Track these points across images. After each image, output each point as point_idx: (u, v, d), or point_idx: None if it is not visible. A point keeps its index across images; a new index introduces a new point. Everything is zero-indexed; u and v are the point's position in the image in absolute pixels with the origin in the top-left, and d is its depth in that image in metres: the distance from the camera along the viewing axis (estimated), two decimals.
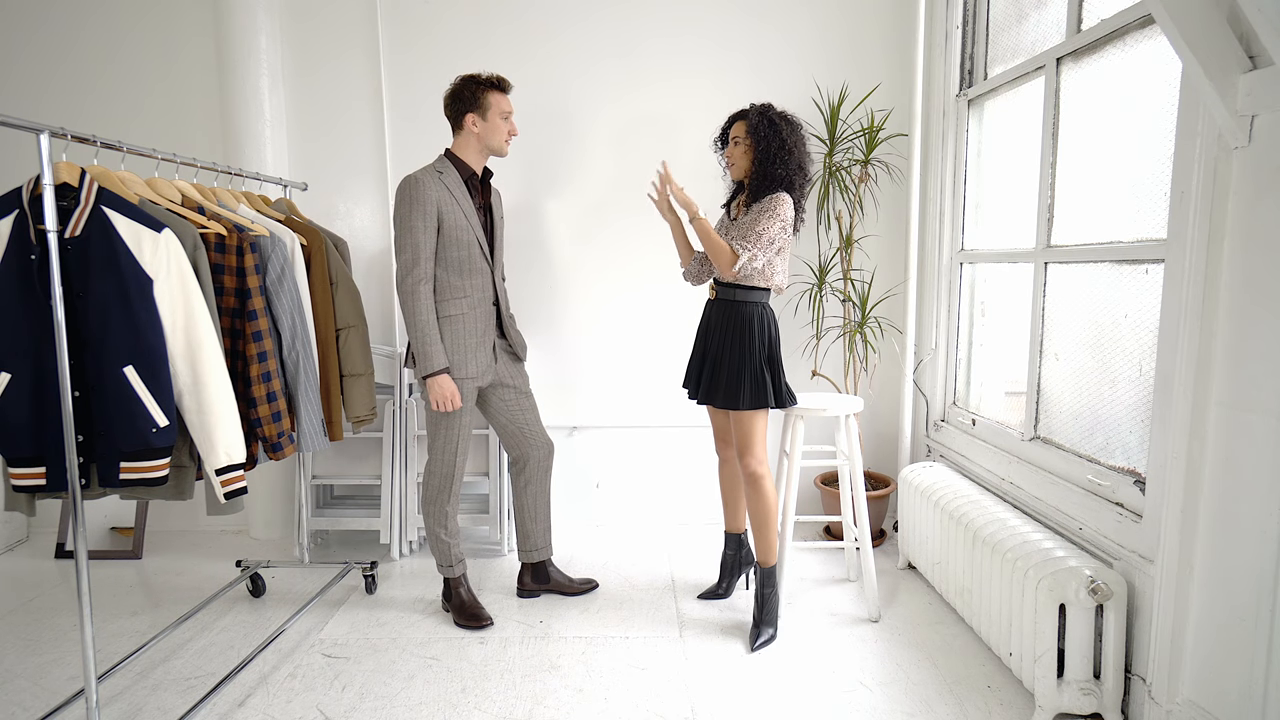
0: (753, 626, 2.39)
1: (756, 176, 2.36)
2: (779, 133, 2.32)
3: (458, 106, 2.37)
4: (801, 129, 2.38)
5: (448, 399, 2.34)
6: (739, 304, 2.37)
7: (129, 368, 1.78)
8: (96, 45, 3.19)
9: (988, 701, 2.03)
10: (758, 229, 2.27)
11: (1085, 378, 2.20)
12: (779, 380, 2.36)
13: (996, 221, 2.79)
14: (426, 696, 2.08)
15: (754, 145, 2.35)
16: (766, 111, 2.36)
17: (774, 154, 2.32)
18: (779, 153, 2.32)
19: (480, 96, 2.35)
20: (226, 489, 1.95)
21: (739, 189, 2.51)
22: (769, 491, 2.36)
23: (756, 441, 2.35)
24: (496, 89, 2.38)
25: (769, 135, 2.32)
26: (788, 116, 2.37)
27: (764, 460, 2.36)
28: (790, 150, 2.33)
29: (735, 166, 2.43)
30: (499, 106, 2.38)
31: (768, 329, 2.37)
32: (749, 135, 2.36)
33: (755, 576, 2.45)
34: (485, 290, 2.44)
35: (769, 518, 2.37)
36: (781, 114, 2.36)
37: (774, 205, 2.29)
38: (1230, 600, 1.60)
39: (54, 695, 2.10)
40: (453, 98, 2.37)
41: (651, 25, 3.17)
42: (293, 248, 2.34)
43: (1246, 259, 1.56)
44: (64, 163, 1.76)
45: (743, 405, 2.31)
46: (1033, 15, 2.49)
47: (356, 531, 3.32)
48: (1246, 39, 1.53)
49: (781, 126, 2.33)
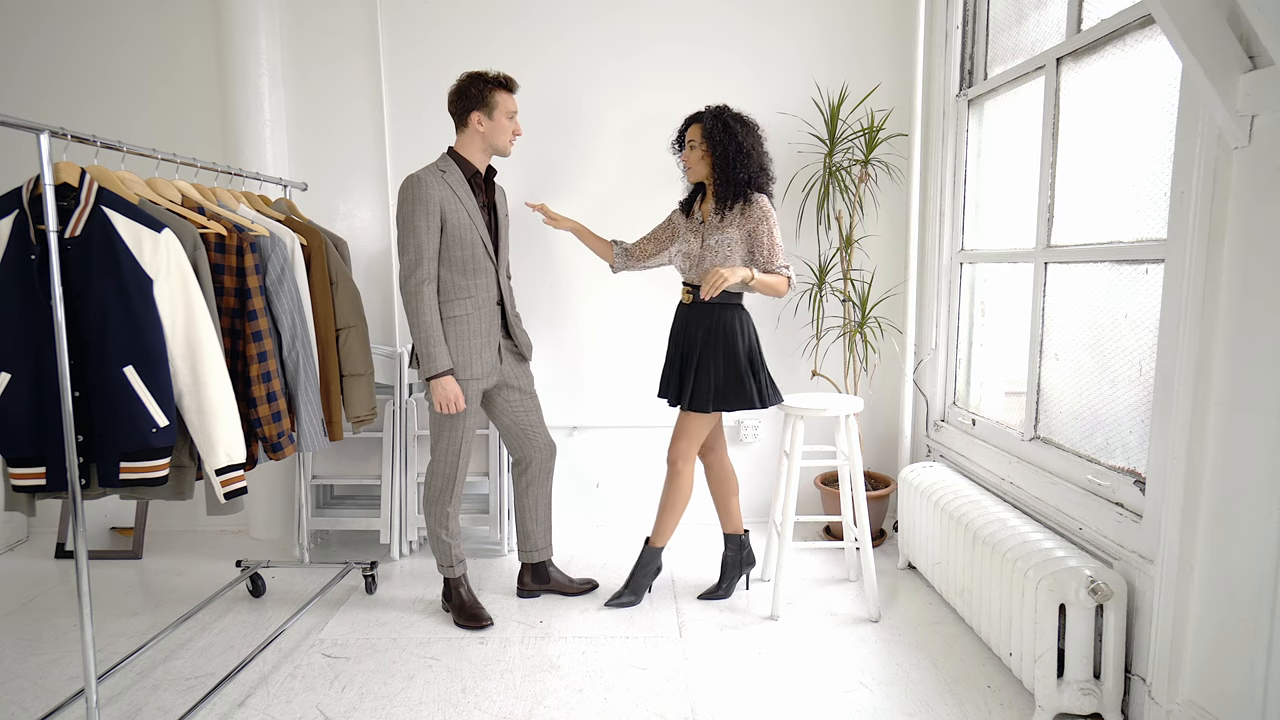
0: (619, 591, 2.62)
1: (720, 182, 2.40)
2: (735, 136, 2.34)
3: (463, 104, 2.36)
4: (757, 129, 2.42)
5: (451, 401, 2.33)
6: (718, 307, 2.43)
7: (129, 368, 1.78)
8: (96, 45, 3.19)
9: (988, 701, 2.03)
10: (774, 242, 2.39)
11: (1085, 378, 2.20)
12: (760, 379, 2.44)
13: (996, 221, 2.79)
14: (426, 696, 2.08)
15: (711, 150, 2.37)
16: (721, 115, 2.37)
17: (732, 158, 2.35)
18: (737, 156, 2.35)
19: (487, 95, 2.34)
20: (226, 489, 1.95)
21: (698, 190, 2.53)
22: (685, 485, 2.52)
23: (696, 439, 2.48)
24: (503, 88, 2.37)
25: (725, 139, 2.34)
26: (743, 118, 2.39)
27: (690, 457, 2.50)
28: (748, 152, 2.36)
29: (692, 170, 2.47)
30: (505, 105, 2.37)
31: (748, 330, 2.45)
32: (705, 140, 2.38)
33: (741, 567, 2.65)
34: (490, 290, 2.43)
35: (676, 504, 2.54)
36: (737, 116, 2.38)
37: (764, 214, 2.38)
38: (1230, 600, 1.60)
39: (54, 695, 2.09)
40: (458, 95, 2.36)
41: (652, 25, 3.17)
42: (293, 248, 2.34)
43: (1246, 259, 1.56)
44: (64, 163, 1.76)
45: (729, 407, 2.40)
46: (1033, 15, 2.49)
47: (356, 531, 3.32)
48: (1246, 39, 1.53)
49: (737, 129, 2.35)
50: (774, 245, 2.39)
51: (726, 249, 2.39)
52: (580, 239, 2.73)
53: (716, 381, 2.40)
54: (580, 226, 2.72)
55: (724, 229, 2.40)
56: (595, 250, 2.73)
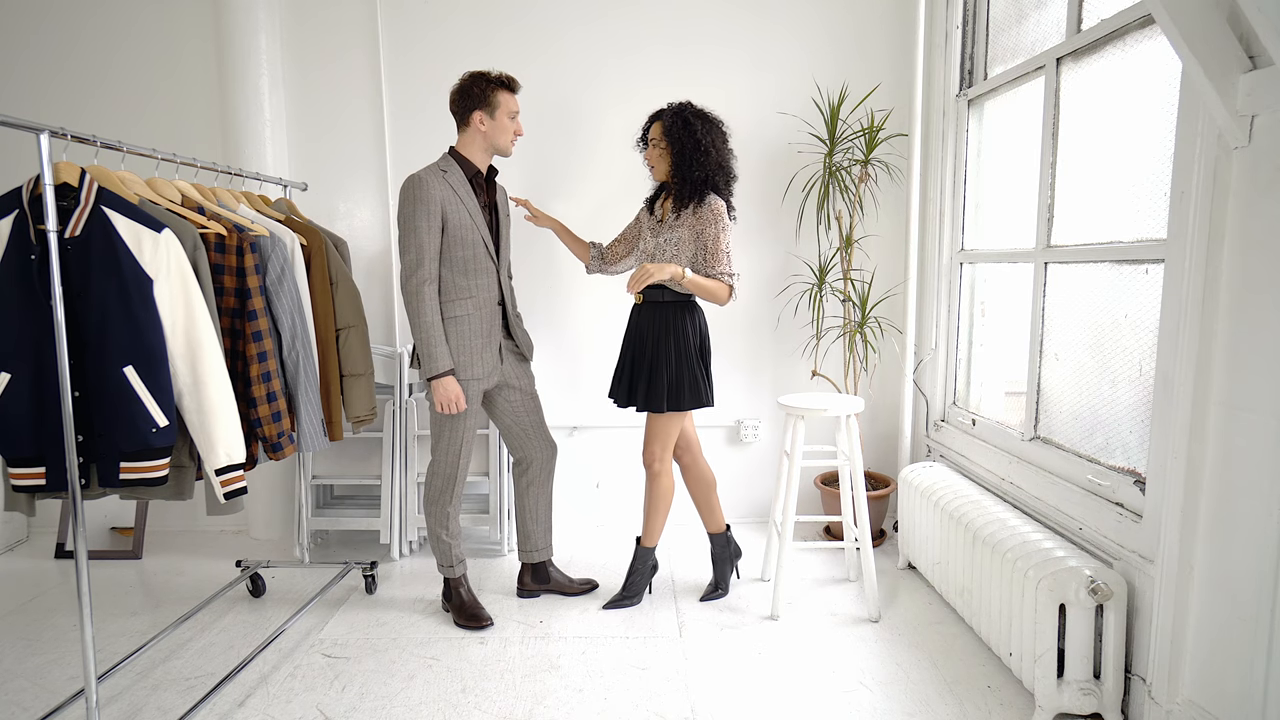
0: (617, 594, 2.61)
1: (677, 180, 2.38)
2: (694, 133, 2.32)
3: (465, 104, 2.35)
4: (720, 126, 2.39)
5: (452, 401, 2.33)
6: (669, 305, 2.43)
7: (129, 368, 1.78)
8: (96, 45, 3.19)
9: (988, 701, 2.03)
10: (719, 247, 2.34)
11: (1085, 378, 2.20)
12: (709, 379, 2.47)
13: (996, 221, 2.79)
14: (426, 696, 2.08)
15: (670, 147, 2.35)
16: (682, 111, 2.35)
17: (689, 155, 2.33)
18: (694, 153, 2.32)
19: (489, 94, 2.34)
20: (226, 489, 1.95)
21: (663, 187, 2.52)
22: (665, 485, 2.53)
23: (667, 440, 2.49)
24: (505, 88, 2.37)
25: (683, 136, 2.32)
26: (705, 114, 2.36)
27: (664, 458, 2.50)
28: (706, 150, 2.33)
29: (655, 168, 2.46)
30: (507, 106, 2.37)
31: (699, 327, 2.46)
32: (664, 137, 2.37)
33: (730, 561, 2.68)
34: (491, 290, 2.43)
35: (660, 505, 2.54)
36: (698, 112, 2.35)
37: (714, 216, 2.34)
38: (1230, 600, 1.60)
39: (54, 695, 2.10)
40: (460, 94, 2.35)
41: (653, 25, 3.17)
42: (293, 248, 2.34)
43: (1246, 259, 1.56)
44: (64, 163, 1.76)
45: (685, 406, 2.40)
46: (1033, 15, 2.49)
47: (356, 531, 3.32)
48: (1246, 39, 1.53)
49: (696, 126, 2.32)
50: (717, 250, 2.33)
51: (674, 248, 2.38)
52: (560, 238, 2.73)
53: (671, 381, 2.40)
54: (561, 225, 2.72)
55: (675, 228, 2.39)
56: (573, 251, 2.73)
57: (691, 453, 2.63)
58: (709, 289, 2.34)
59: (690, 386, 2.40)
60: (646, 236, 2.49)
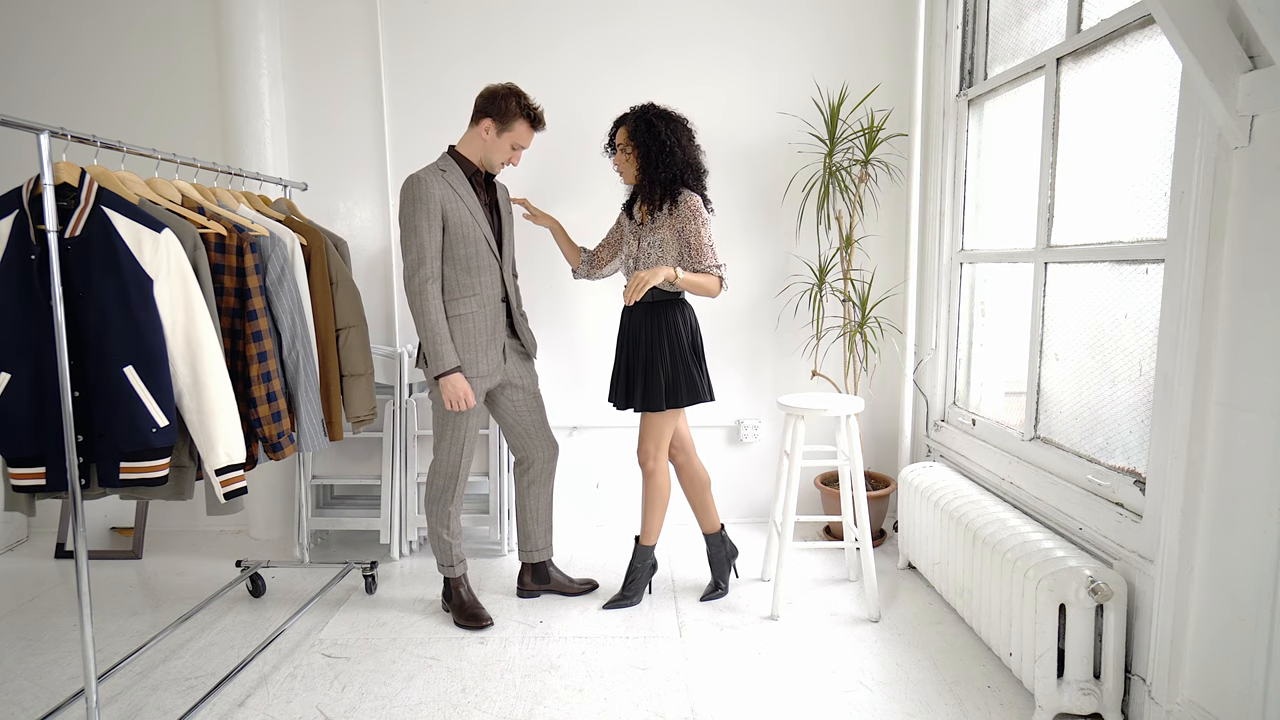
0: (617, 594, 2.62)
1: (645, 182, 2.38)
2: (658, 134, 2.33)
3: (487, 107, 2.33)
4: (685, 124, 2.40)
5: (461, 398, 2.32)
6: (658, 305, 2.44)
7: (129, 368, 1.78)
8: (96, 45, 3.19)
9: (988, 701, 2.03)
10: (701, 241, 2.36)
11: (1085, 378, 2.20)
12: (705, 371, 2.49)
13: (996, 221, 2.79)
14: (426, 696, 2.08)
15: (636, 150, 2.36)
16: (645, 114, 2.36)
17: (655, 156, 2.33)
18: (660, 154, 2.33)
19: (511, 116, 2.32)
20: (226, 489, 1.95)
21: (638, 191, 2.51)
22: (661, 484, 2.54)
23: (661, 438, 2.49)
24: (528, 120, 2.35)
25: (648, 138, 2.33)
26: (669, 114, 2.37)
27: (659, 457, 2.51)
28: (672, 150, 2.33)
29: (624, 173, 2.46)
30: (518, 135, 2.36)
31: (690, 323, 2.48)
32: (630, 140, 2.37)
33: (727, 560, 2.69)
34: (494, 287, 2.43)
35: (657, 504, 2.56)
36: (662, 113, 2.36)
37: (692, 212, 2.36)
38: (1230, 600, 1.60)
39: (54, 695, 2.10)
40: (490, 97, 2.34)
41: (653, 25, 3.17)
42: (293, 248, 2.34)
43: (1246, 259, 1.56)
44: (64, 163, 1.76)
45: (683, 403, 2.42)
46: (1033, 15, 2.49)
47: (356, 531, 3.32)
48: (1246, 39, 1.53)
49: (660, 127, 2.33)
50: (701, 244, 2.35)
51: (659, 250, 2.40)
52: (555, 238, 2.72)
53: (666, 378, 2.41)
54: (558, 225, 2.71)
55: (656, 230, 2.40)
56: (564, 253, 2.72)
57: (686, 452, 2.63)
58: (701, 284, 2.36)
59: (686, 383, 2.41)
60: (630, 241, 2.50)
